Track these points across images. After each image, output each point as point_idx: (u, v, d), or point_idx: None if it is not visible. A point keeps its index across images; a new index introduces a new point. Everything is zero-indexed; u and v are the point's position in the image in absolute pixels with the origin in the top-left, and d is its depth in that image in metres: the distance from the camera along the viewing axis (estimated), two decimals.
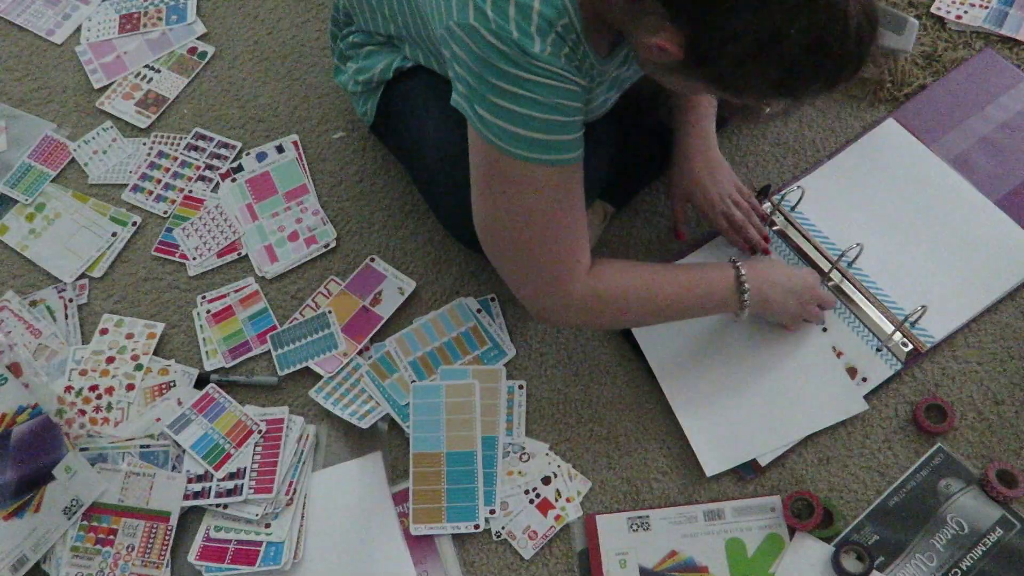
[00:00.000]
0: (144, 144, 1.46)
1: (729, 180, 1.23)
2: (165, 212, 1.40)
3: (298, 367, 1.24)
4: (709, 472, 1.11)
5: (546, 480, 1.15)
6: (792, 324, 1.18)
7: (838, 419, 1.14)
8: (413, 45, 1.12)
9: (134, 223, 1.39)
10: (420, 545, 1.12)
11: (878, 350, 1.18)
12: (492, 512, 1.12)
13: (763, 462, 1.12)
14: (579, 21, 0.85)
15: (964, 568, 1.04)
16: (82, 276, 1.35)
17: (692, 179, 1.22)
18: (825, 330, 1.20)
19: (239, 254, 1.35)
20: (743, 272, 1.07)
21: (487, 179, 0.94)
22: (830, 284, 1.23)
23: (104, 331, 1.28)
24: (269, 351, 1.26)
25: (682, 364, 1.19)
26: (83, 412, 1.21)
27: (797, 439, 1.13)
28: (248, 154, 1.43)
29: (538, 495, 1.14)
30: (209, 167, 1.43)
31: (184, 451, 1.16)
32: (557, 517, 1.13)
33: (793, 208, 1.29)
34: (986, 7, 1.43)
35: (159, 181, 1.42)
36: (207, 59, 1.54)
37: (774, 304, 1.12)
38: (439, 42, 0.90)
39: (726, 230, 1.23)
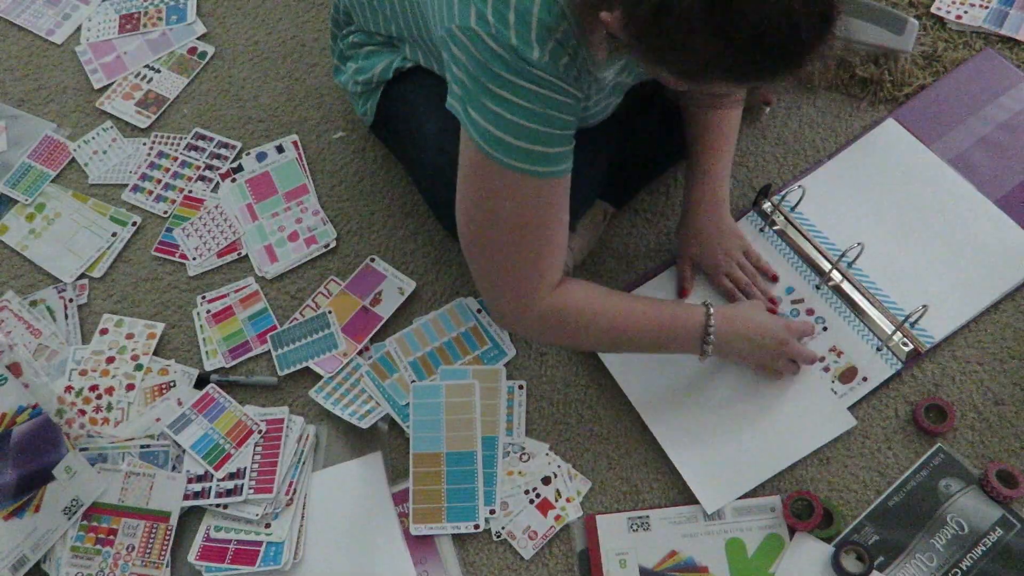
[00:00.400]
0: (144, 144, 1.46)
1: (736, 243, 1.22)
2: (165, 212, 1.40)
3: (298, 367, 1.24)
4: (709, 509, 1.10)
5: (546, 480, 1.15)
6: (760, 372, 1.16)
7: (828, 439, 1.13)
8: (413, 45, 1.12)
9: (134, 223, 1.39)
10: (420, 545, 1.12)
11: (878, 350, 1.18)
12: (492, 512, 1.12)
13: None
14: (576, 26, 0.85)
15: (964, 568, 1.04)
16: (82, 276, 1.35)
17: (699, 241, 1.22)
18: (825, 329, 1.20)
19: (239, 254, 1.35)
20: (712, 320, 1.06)
21: (470, 180, 0.95)
22: (830, 284, 1.23)
23: (104, 331, 1.28)
24: (269, 351, 1.26)
25: (663, 397, 1.17)
26: (83, 412, 1.21)
27: (790, 463, 1.12)
28: (248, 154, 1.43)
29: (538, 495, 1.14)
30: (209, 167, 1.43)
31: (184, 451, 1.16)
32: (557, 517, 1.12)
33: (793, 208, 1.29)
34: (986, 7, 1.43)
35: (159, 181, 1.42)
36: (207, 59, 1.54)
37: (737, 355, 1.13)
38: (439, 44, 0.90)
39: (730, 291, 1.21)
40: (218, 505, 1.13)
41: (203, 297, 1.31)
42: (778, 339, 1.11)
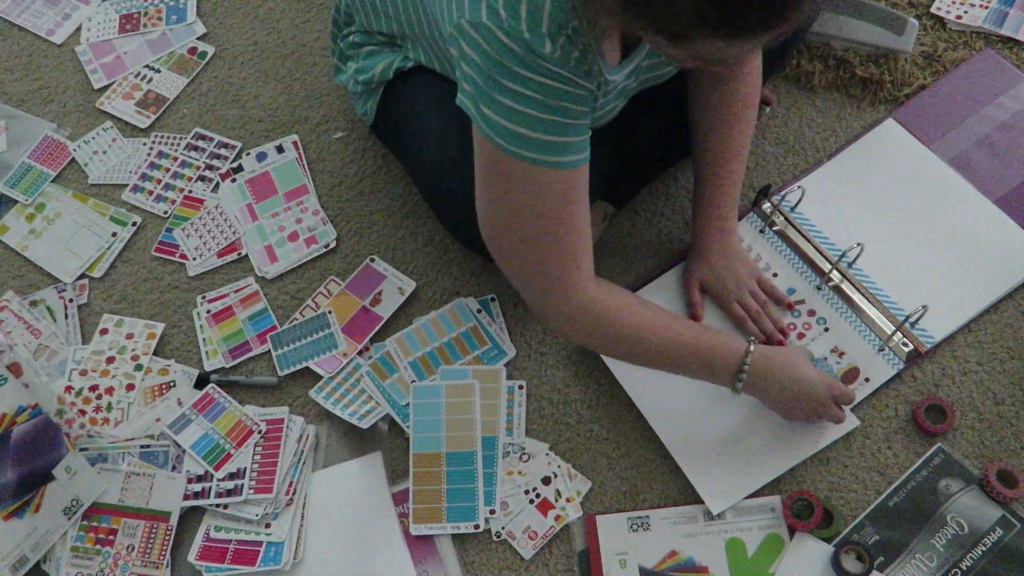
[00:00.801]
0: (144, 144, 1.46)
1: (747, 270, 1.21)
2: (165, 212, 1.40)
3: (298, 367, 1.24)
4: (715, 511, 1.09)
5: (546, 480, 1.15)
6: (791, 419, 1.13)
7: (833, 439, 1.13)
8: (415, 44, 1.12)
9: (134, 223, 1.39)
10: (420, 545, 1.12)
11: (879, 350, 1.18)
12: (492, 512, 1.12)
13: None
14: (586, 23, 0.85)
15: (964, 568, 1.04)
16: (82, 276, 1.35)
17: (708, 267, 1.20)
18: (827, 330, 1.20)
19: (239, 254, 1.35)
20: (749, 359, 1.03)
21: (490, 179, 0.94)
22: (830, 285, 1.23)
23: (104, 331, 1.28)
24: (269, 351, 1.26)
25: (667, 399, 1.16)
26: (83, 412, 1.21)
27: (794, 464, 1.12)
28: (248, 154, 1.43)
29: (538, 495, 1.14)
30: (209, 167, 1.43)
31: (184, 451, 1.16)
32: (557, 517, 1.12)
33: (793, 208, 1.29)
34: (986, 7, 1.44)
35: (159, 181, 1.42)
36: (207, 59, 1.54)
37: (769, 400, 1.09)
38: (447, 41, 0.90)
39: (741, 318, 1.19)
40: (218, 505, 1.13)
41: (203, 297, 1.31)
42: (816, 394, 1.07)
